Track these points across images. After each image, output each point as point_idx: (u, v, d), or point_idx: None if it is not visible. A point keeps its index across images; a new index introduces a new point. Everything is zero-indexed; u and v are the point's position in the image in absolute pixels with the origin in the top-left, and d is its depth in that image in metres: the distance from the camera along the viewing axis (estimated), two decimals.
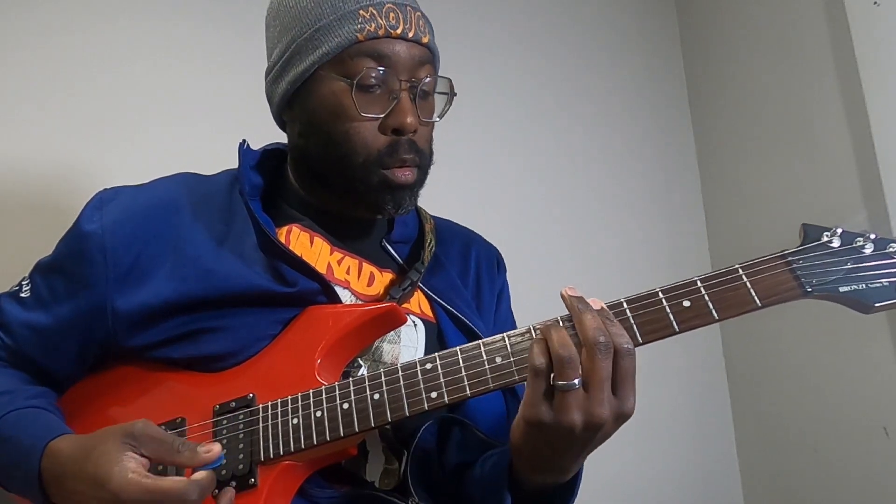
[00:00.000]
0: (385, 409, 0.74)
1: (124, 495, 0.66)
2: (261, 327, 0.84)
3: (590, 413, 0.66)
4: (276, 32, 0.93)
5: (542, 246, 1.77)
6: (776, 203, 1.72)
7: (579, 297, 0.71)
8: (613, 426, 0.69)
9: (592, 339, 0.67)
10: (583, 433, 0.67)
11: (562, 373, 0.66)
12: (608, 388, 0.67)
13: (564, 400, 0.66)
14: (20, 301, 0.88)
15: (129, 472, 0.67)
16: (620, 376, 0.67)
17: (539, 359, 0.68)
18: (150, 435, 0.70)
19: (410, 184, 0.89)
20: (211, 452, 0.71)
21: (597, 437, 0.69)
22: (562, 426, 0.66)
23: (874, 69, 1.45)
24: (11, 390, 0.82)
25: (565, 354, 0.66)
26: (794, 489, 1.66)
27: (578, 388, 0.66)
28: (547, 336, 0.68)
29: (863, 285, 0.70)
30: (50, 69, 1.37)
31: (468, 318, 0.94)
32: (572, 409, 0.66)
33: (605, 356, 0.66)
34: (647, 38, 2.07)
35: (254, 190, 0.94)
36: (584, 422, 0.66)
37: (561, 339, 0.67)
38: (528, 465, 0.74)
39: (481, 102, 1.77)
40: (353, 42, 0.85)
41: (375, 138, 0.87)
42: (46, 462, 0.73)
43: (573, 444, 0.69)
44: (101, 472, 0.68)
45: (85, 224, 0.86)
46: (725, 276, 0.72)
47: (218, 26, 1.53)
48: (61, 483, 0.72)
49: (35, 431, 0.76)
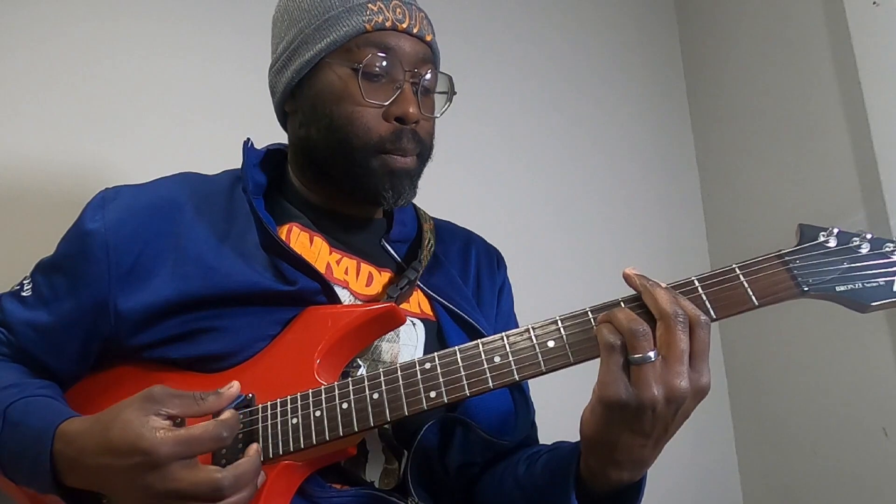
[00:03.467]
0: (384, 408, 0.74)
1: (161, 451, 0.66)
2: (260, 327, 0.84)
3: (670, 386, 0.64)
4: (282, 27, 0.95)
5: (541, 245, 1.77)
6: (776, 203, 1.72)
7: (644, 276, 0.70)
8: (693, 402, 0.67)
9: (671, 311, 0.66)
10: (664, 409, 0.65)
11: (636, 346, 0.65)
12: (686, 360, 0.65)
13: (642, 373, 0.64)
14: (21, 300, 0.88)
15: (159, 430, 0.67)
16: (697, 348, 0.66)
17: (610, 336, 0.66)
18: (170, 393, 0.70)
19: (410, 170, 0.90)
20: (233, 388, 0.74)
21: (678, 416, 0.67)
22: (643, 402, 0.64)
23: (873, 69, 1.45)
24: (19, 382, 0.82)
25: (637, 327, 0.65)
26: (793, 489, 1.66)
27: (655, 360, 0.65)
28: (611, 317, 0.68)
29: (859, 284, 0.70)
30: (52, 68, 1.37)
31: (469, 314, 0.94)
32: (651, 382, 0.64)
33: (683, 327, 0.65)
34: (647, 38, 2.07)
35: (257, 188, 0.95)
36: (665, 395, 0.64)
37: (628, 316, 0.67)
38: (604, 458, 0.71)
39: (481, 102, 1.78)
40: (361, 31, 0.88)
41: (378, 124, 0.88)
42: (59, 444, 0.72)
43: (655, 425, 0.66)
44: (129, 437, 0.67)
45: (87, 223, 0.86)
46: (722, 276, 0.72)
47: (222, 25, 1.54)
48: (80, 462, 0.71)
49: (45, 415, 0.76)
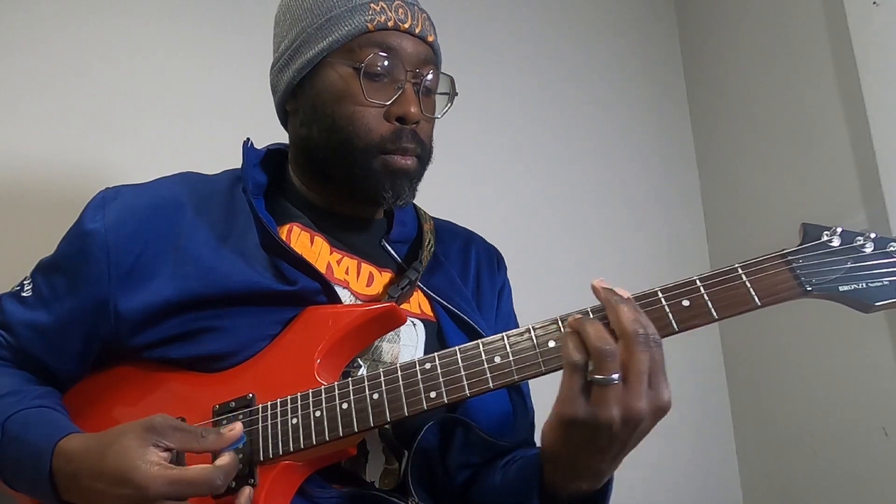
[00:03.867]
0: (384, 408, 0.74)
1: (151, 488, 0.65)
2: (261, 327, 0.84)
3: (628, 407, 0.64)
4: (285, 26, 0.95)
5: (541, 245, 1.77)
6: (776, 203, 1.72)
7: (611, 289, 0.69)
8: (651, 420, 0.66)
9: (632, 330, 0.64)
10: (622, 429, 0.64)
11: (602, 367, 0.64)
12: (646, 380, 0.64)
13: (603, 395, 0.64)
14: (22, 300, 0.88)
15: (154, 465, 0.66)
16: (654, 367, 0.65)
17: (576, 354, 0.65)
18: (172, 426, 0.70)
19: (410, 171, 0.90)
20: (234, 430, 0.72)
21: (635, 434, 0.66)
22: (600, 423, 0.64)
23: (873, 69, 1.45)
24: (18, 391, 0.82)
25: (606, 348, 0.64)
26: (794, 489, 1.66)
27: (618, 382, 0.64)
28: (581, 330, 0.66)
29: (863, 284, 0.69)
30: (52, 68, 1.37)
31: (468, 315, 0.94)
32: (611, 403, 0.63)
33: (644, 348, 0.64)
34: (647, 38, 2.07)
35: (257, 188, 0.95)
36: (623, 416, 0.64)
37: (598, 333, 0.65)
38: (563, 470, 0.71)
39: (481, 102, 1.77)
40: (364, 31, 0.88)
41: (379, 124, 0.88)
42: (58, 461, 0.72)
43: (612, 443, 0.66)
44: (124, 467, 0.66)
45: (87, 223, 0.86)
46: (725, 276, 0.71)
47: (222, 25, 1.54)
48: (76, 481, 0.71)
49: (44, 430, 0.76)
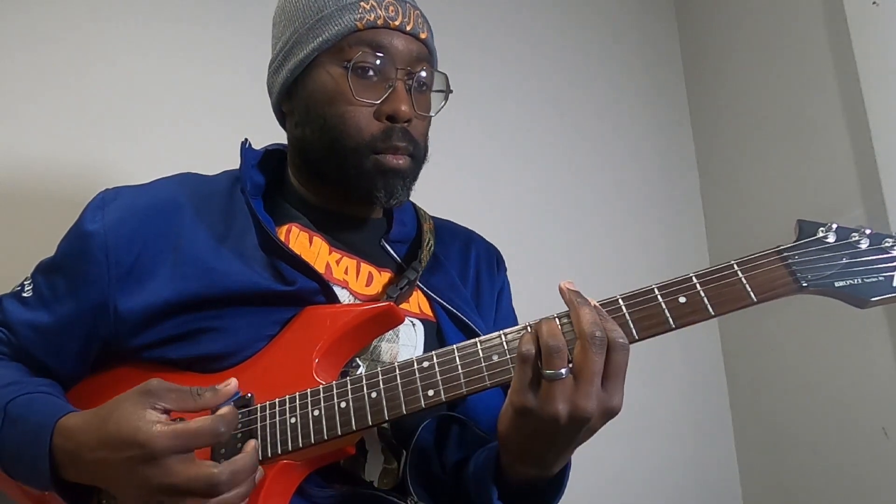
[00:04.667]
0: (382, 407, 0.74)
1: (157, 444, 0.66)
2: (259, 327, 0.84)
3: (575, 405, 0.66)
4: (280, 28, 0.96)
5: (541, 244, 1.77)
6: (776, 202, 1.72)
7: (577, 292, 0.72)
8: (600, 421, 0.69)
9: (588, 332, 0.67)
10: (568, 425, 0.67)
11: (549, 361, 0.67)
12: (598, 381, 0.67)
13: (551, 389, 0.67)
14: (22, 301, 0.88)
15: (155, 423, 0.67)
16: (612, 371, 0.68)
17: (526, 346, 0.68)
18: (167, 387, 0.70)
19: (402, 170, 0.90)
20: (230, 385, 0.73)
21: (582, 432, 0.69)
22: (547, 415, 0.67)
23: (873, 68, 1.45)
24: (20, 380, 0.82)
25: (553, 343, 0.67)
26: (793, 489, 1.66)
27: (566, 377, 0.67)
28: (537, 328, 0.70)
29: (858, 280, 0.70)
30: (52, 68, 1.37)
31: (467, 316, 0.94)
32: (557, 398, 0.67)
33: (598, 350, 0.67)
34: (647, 37, 2.07)
35: (255, 188, 0.95)
36: (570, 413, 0.67)
37: (550, 330, 0.69)
38: (514, 455, 0.75)
39: (480, 102, 1.78)
40: (353, 30, 0.88)
41: (369, 123, 0.88)
42: (58, 439, 0.72)
43: (557, 437, 0.69)
44: (125, 430, 0.67)
45: (87, 224, 0.86)
46: (721, 272, 0.72)
47: (222, 26, 1.54)
48: (79, 456, 0.71)
49: (46, 410, 0.76)
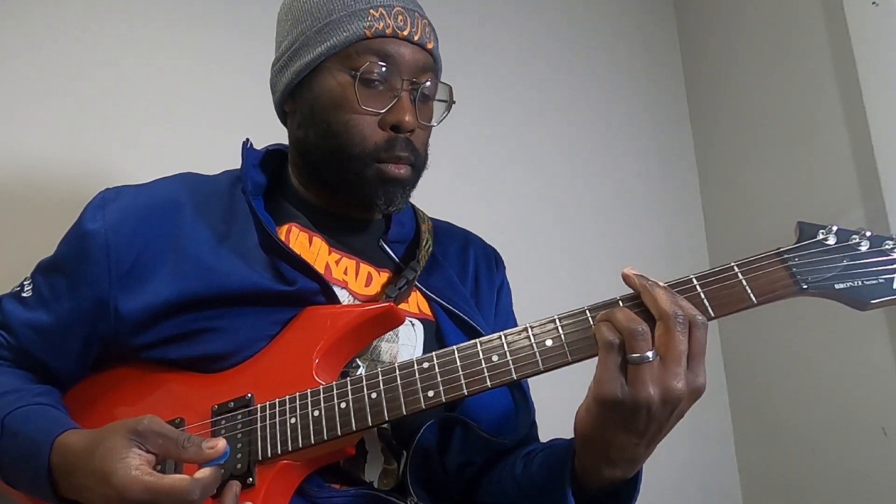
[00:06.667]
0: (382, 408, 0.74)
1: (127, 492, 0.66)
2: (259, 327, 0.84)
3: (665, 386, 0.65)
4: (286, 27, 0.95)
5: (540, 245, 1.77)
6: (775, 202, 1.72)
7: (643, 276, 0.71)
8: (688, 402, 0.67)
9: (672, 311, 0.66)
10: (659, 409, 0.65)
11: (634, 345, 0.65)
12: (684, 361, 0.65)
13: (639, 373, 0.65)
14: (22, 301, 0.88)
15: (133, 469, 0.66)
16: (694, 350, 0.66)
17: (609, 334, 0.67)
18: (155, 431, 0.69)
19: (403, 180, 0.90)
20: (215, 448, 0.70)
21: (673, 416, 0.67)
22: (638, 402, 0.65)
23: (873, 69, 1.45)
24: (18, 389, 0.82)
25: (635, 327, 0.66)
26: (793, 489, 1.66)
27: (653, 360, 0.65)
28: (610, 316, 0.68)
29: (859, 282, 0.70)
30: (52, 68, 1.37)
31: (467, 314, 0.94)
32: (647, 382, 0.65)
33: (682, 328, 0.65)
34: (646, 37, 2.07)
35: (256, 188, 0.95)
36: (661, 396, 0.65)
37: (627, 315, 0.67)
38: (597, 455, 0.71)
39: (480, 103, 1.78)
40: (361, 38, 0.88)
41: (374, 132, 0.88)
42: (56, 457, 0.73)
43: (650, 424, 0.67)
44: (106, 467, 0.67)
45: (87, 223, 0.86)
46: (721, 274, 0.72)
47: (222, 26, 1.54)
48: (70, 477, 0.71)
49: (44, 425, 0.76)
